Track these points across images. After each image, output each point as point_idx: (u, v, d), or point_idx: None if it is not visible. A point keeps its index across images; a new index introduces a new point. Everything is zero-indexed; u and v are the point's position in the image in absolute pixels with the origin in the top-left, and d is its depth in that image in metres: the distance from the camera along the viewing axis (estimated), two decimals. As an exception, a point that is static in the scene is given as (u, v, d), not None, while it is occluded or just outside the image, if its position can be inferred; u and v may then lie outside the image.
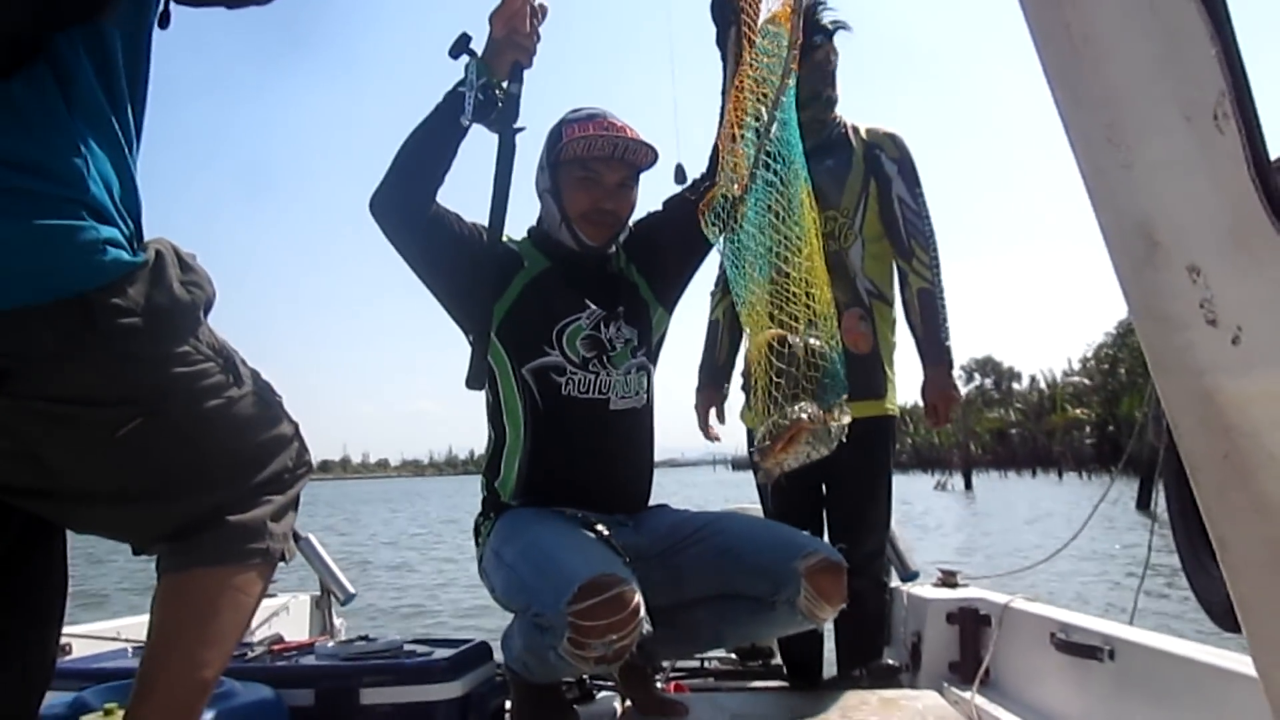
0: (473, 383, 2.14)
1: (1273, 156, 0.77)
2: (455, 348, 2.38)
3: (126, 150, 1.29)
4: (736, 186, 1.92)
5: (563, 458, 2.27)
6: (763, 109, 1.88)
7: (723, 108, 2.19)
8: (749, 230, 1.90)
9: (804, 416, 1.75)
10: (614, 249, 2.42)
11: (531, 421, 2.28)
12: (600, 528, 2.18)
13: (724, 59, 2.21)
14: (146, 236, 1.33)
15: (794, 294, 1.85)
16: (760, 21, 1.96)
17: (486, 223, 2.17)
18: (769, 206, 1.85)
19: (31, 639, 1.37)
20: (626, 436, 2.34)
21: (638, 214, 2.46)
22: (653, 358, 2.43)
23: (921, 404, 2.95)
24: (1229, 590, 0.92)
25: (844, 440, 1.92)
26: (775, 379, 1.81)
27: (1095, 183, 0.89)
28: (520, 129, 2.10)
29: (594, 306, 2.32)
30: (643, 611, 1.91)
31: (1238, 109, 0.75)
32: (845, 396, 1.86)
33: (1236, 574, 0.90)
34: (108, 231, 1.21)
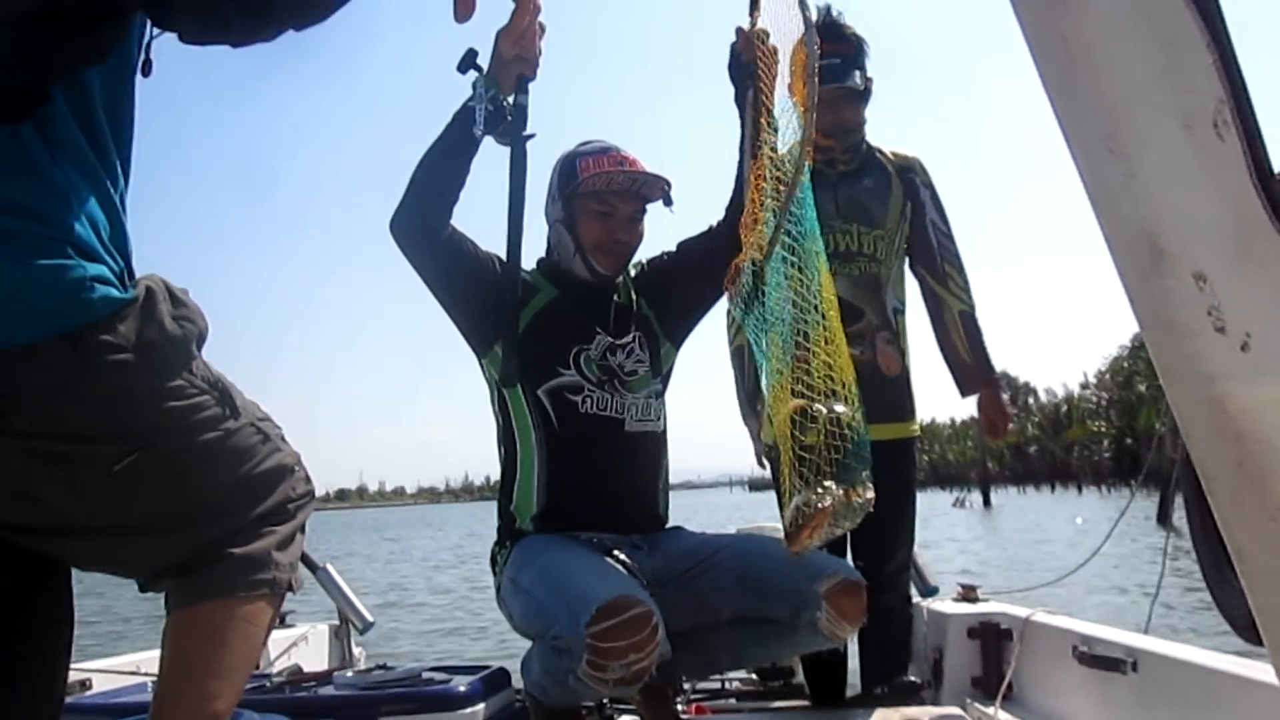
0: (508, 380, 2.22)
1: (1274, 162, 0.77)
2: (469, 373, 2.41)
3: (112, 188, 1.30)
4: (758, 252, 1.93)
5: (578, 477, 2.29)
6: (780, 189, 1.89)
7: (740, 163, 2.22)
8: (771, 304, 1.91)
9: (828, 503, 1.74)
10: (622, 280, 2.46)
11: (546, 442, 2.29)
12: (617, 552, 2.18)
13: (742, 118, 2.24)
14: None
15: (818, 363, 1.84)
16: (776, 95, 1.97)
17: (504, 238, 2.19)
18: (789, 277, 1.86)
19: (38, 676, 1.36)
20: (641, 458, 2.35)
21: (651, 251, 2.53)
22: (664, 387, 2.46)
23: (950, 419, 2.97)
24: (1248, 599, 0.92)
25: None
26: (800, 455, 1.81)
27: (1098, 193, 0.89)
28: (530, 136, 2.13)
29: (603, 334, 2.35)
30: (661, 632, 1.91)
31: (1237, 116, 0.76)
32: (867, 473, 1.85)
33: (1254, 582, 0.89)
34: (95, 269, 1.22)
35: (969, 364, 2.95)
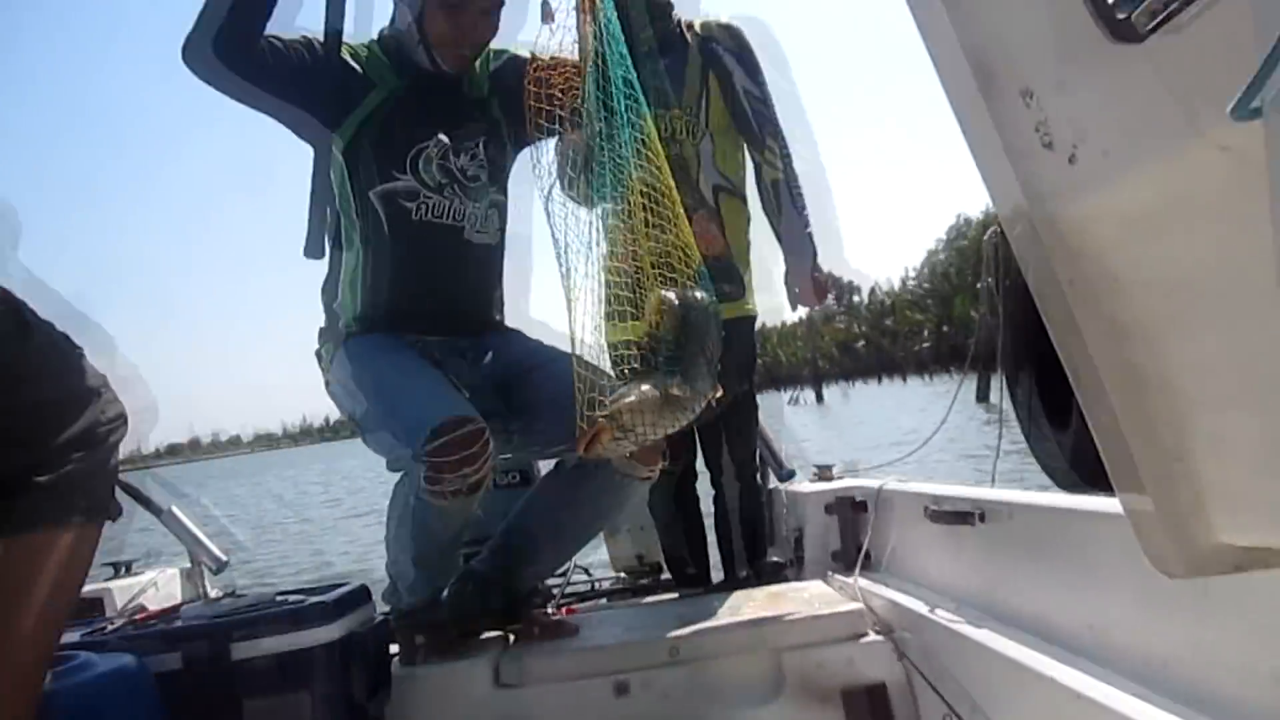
0: (311, 254, 2.15)
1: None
2: (298, 314, 2.31)
3: None
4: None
5: (406, 282, 2.21)
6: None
7: None
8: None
9: (600, 418, 1.72)
10: (474, 72, 2.32)
11: (374, 244, 2.21)
12: (437, 357, 2.19)
13: None
14: None
15: (673, 241, 1.82)
16: None
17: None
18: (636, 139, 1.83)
19: None
20: (478, 266, 2.31)
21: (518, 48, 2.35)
22: (506, 194, 2.36)
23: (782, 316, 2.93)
24: (1086, 420, 0.93)
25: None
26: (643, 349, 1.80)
27: (925, 16, 0.87)
28: None
29: (444, 136, 2.22)
30: (492, 446, 1.98)
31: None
32: (696, 370, 1.83)
33: (1092, 403, 0.90)
34: None
35: (780, 234, 2.88)
